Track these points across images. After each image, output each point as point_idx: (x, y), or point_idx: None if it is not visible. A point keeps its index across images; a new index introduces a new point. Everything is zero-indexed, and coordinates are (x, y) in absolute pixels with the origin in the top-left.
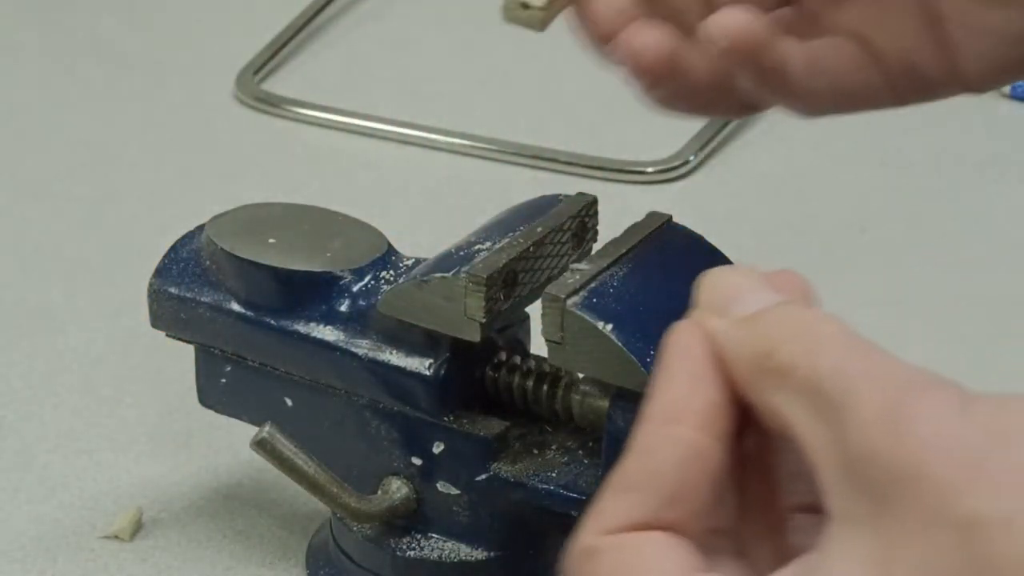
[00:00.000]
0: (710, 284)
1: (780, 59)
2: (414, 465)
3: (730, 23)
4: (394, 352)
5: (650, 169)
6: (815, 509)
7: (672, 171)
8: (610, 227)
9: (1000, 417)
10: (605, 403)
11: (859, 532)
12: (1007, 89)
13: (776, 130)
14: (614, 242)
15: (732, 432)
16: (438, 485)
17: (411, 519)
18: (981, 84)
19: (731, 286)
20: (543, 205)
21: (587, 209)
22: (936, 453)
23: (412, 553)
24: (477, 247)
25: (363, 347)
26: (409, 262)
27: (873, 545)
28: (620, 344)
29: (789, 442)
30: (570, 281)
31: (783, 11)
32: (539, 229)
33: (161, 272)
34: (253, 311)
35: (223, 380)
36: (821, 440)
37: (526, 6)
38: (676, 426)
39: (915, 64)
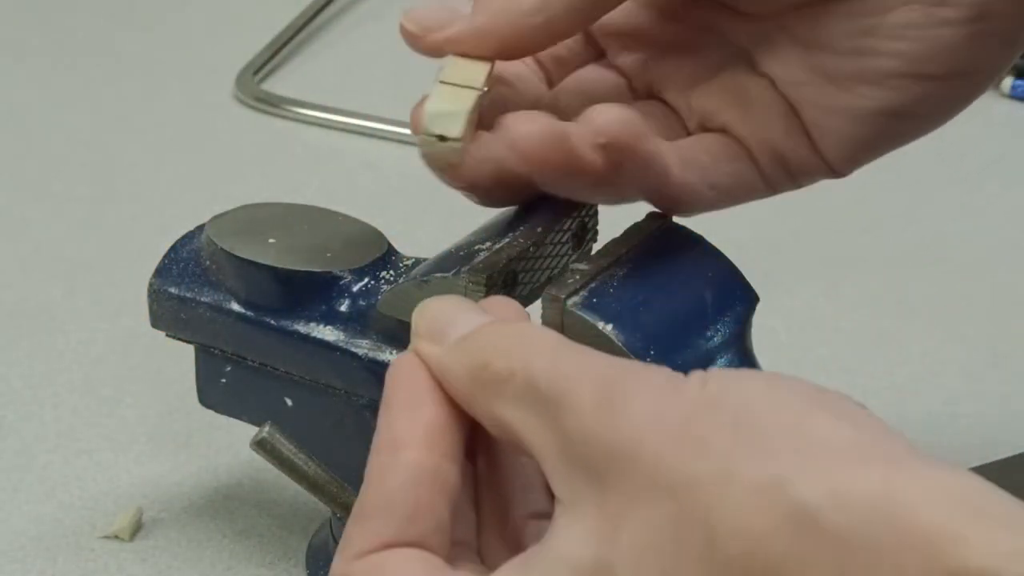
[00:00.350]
0: (423, 314)
1: (656, 153)
2: None
3: (609, 117)
4: (394, 352)
5: None
6: (549, 515)
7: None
8: (610, 227)
9: (707, 388)
10: None
11: (583, 512)
12: (1007, 89)
13: None
14: (614, 242)
15: (461, 450)
16: None
17: None
18: (843, 166)
19: (444, 313)
20: (543, 205)
21: (587, 209)
22: (647, 427)
23: None
24: (477, 247)
25: (363, 347)
26: (409, 262)
27: (597, 521)
28: (620, 344)
29: (518, 454)
30: (570, 281)
31: (649, 105)
32: (539, 229)
33: (161, 272)
34: (253, 311)
35: (223, 380)
36: (542, 436)
37: (443, 138)
38: (403, 451)
39: (779, 152)
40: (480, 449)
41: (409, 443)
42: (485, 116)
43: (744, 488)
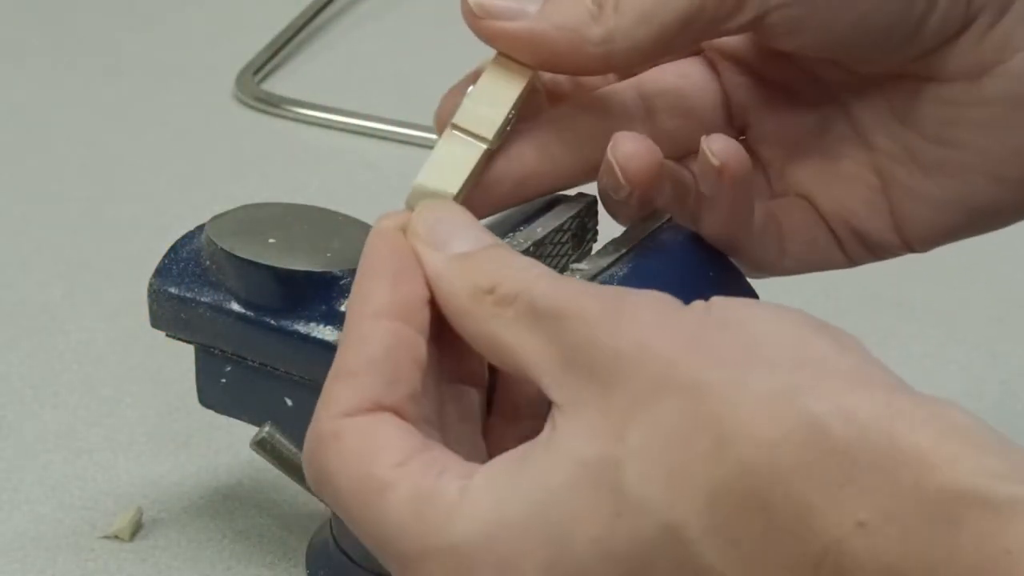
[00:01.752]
0: (425, 217)
1: (749, 200)
2: None
3: (725, 146)
4: None
5: None
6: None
7: None
8: (610, 227)
9: (711, 311)
10: None
11: (587, 413)
12: None
13: None
14: (614, 242)
15: (428, 328)
16: None
17: None
18: (923, 247)
19: (447, 222)
20: (543, 205)
21: (587, 209)
22: (656, 333)
23: None
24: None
25: None
26: None
27: (602, 420)
28: None
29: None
30: None
31: None
32: (539, 229)
33: (161, 272)
34: (253, 311)
35: (223, 380)
36: (541, 352)
37: (435, 195)
38: (383, 319)
39: (860, 230)
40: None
41: (389, 312)
42: (526, 105)
43: (755, 396)
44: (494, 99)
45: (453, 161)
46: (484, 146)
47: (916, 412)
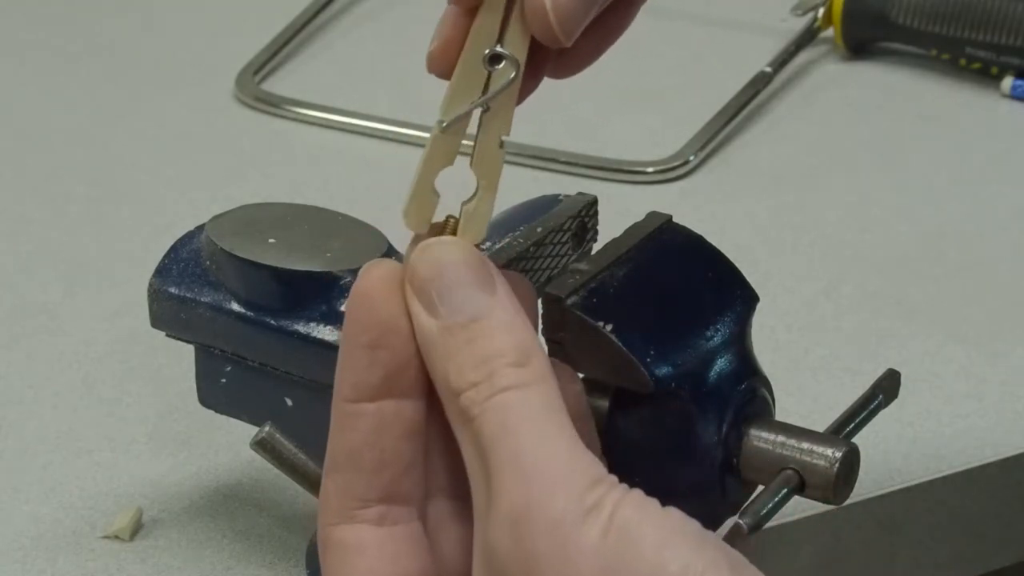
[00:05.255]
0: (421, 271)
1: None
2: None
3: None
4: None
5: (650, 169)
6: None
7: (672, 171)
8: (610, 227)
9: (607, 539)
10: (605, 403)
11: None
12: (1007, 89)
13: (776, 130)
14: (614, 242)
15: (423, 383)
16: None
17: None
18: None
19: (447, 275)
20: (543, 205)
21: (587, 209)
22: (546, 561)
23: None
24: (477, 247)
25: None
26: None
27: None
28: (620, 344)
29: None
30: (570, 281)
31: None
32: (539, 229)
33: (161, 272)
34: (253, 311)
35: (223, 380)
36: (478, 493)
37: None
38: (363, 402)
39: None
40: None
41: (369, 389)
42: None
43: None
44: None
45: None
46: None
47: None
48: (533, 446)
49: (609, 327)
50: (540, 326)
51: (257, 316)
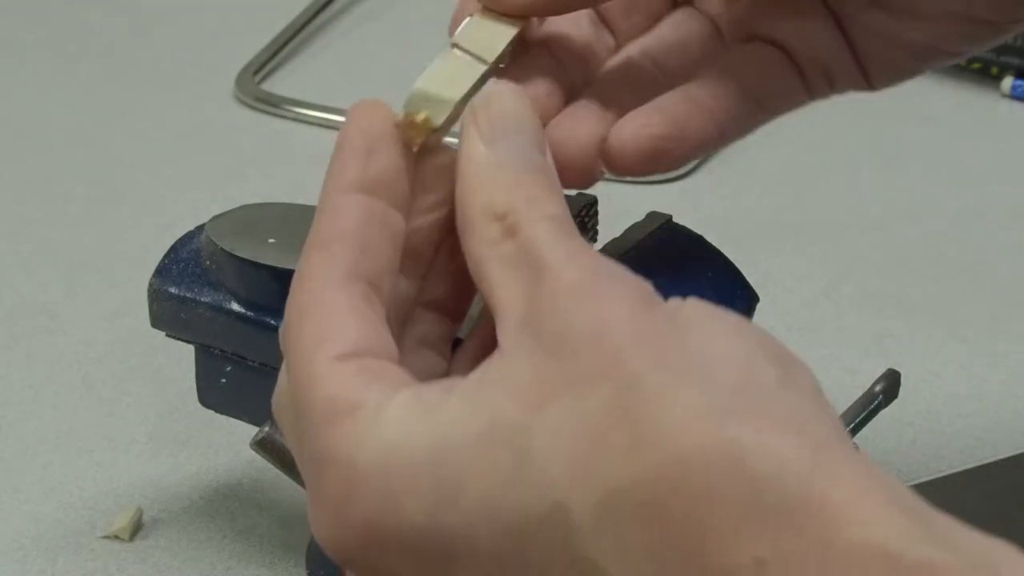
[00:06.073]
0: (492, 103)
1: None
2: None
3: (627, 136)
4: None
5: None
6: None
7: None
8: (610, 227)
9: (681, 313)
10: None
11: (521, 371)
12: (1007, 89)
13: (776, 130)
14: (614, 242)
15: (407, 200)
16: None
17: None
18: (882, 85)
19: (511, 120)
20: None
21: (587, 209)
22: (616, 321)
23: None
24: None
25: None
26: None
27: (532, 385)
28: None
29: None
30: None
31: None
32: None
33: (161, 272)
34: (253, 311)
35: (223, 380)
36: (512, 296)
37: (437, 100)
38: (357, 193)
39: (825, 65)
40: None
41: (362, 186)
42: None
43: (684, 408)
44: (494, 30)
45: (453, 73)
46: (484, 67)
47: (840, 469)
48: (586, 247)
49: None
50: None
51: (257, 316)
